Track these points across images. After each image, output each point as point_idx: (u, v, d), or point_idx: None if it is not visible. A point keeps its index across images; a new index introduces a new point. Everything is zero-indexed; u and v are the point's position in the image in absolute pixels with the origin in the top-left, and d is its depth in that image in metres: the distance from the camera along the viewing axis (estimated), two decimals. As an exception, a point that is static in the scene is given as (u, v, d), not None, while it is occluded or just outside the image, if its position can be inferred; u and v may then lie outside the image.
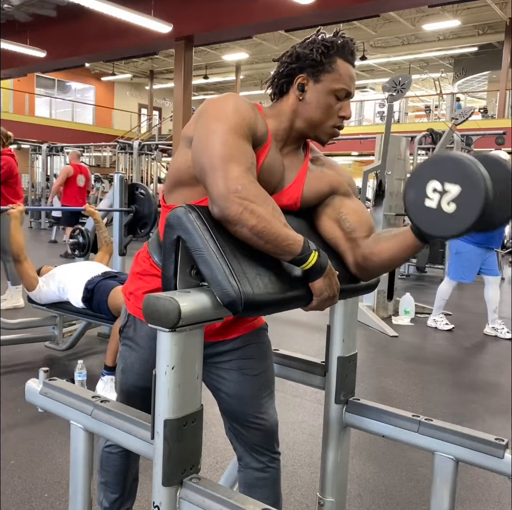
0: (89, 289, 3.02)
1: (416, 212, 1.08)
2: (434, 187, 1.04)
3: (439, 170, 1.05)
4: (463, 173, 1.02)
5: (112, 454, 1.52)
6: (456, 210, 1.02)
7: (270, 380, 1.43)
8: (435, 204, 1.04)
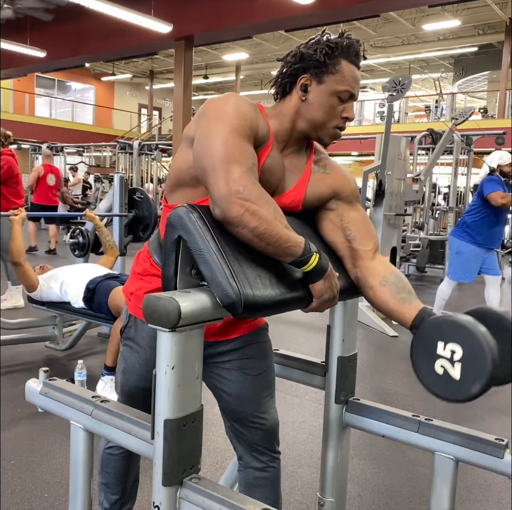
0: (90, 288, 3.02)
1: (427, 375, 1.11)
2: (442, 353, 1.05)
3: (443, 332, 1.05)
4: (470, 346, 1.01)
5: (113, 456, 1.52)
6: (462, 377, 1.03)
7: (270, 380, 1.43)
8: (442, 371, 1.06)
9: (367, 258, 1.27)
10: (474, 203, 4.70)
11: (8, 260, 4.74)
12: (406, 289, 1.23)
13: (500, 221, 4.65)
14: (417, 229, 8.76)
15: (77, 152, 16.51)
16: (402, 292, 1.23)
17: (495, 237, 4.65)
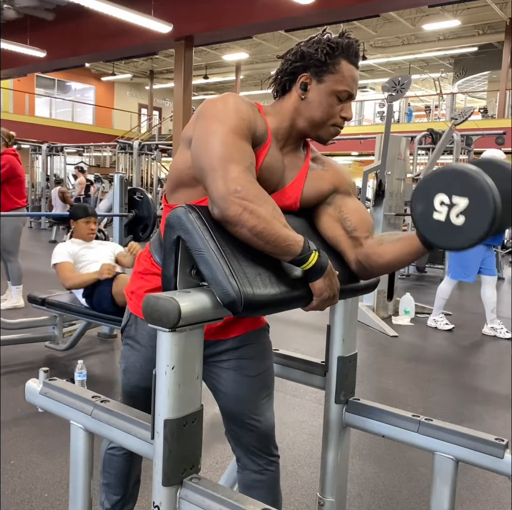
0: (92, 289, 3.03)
1: (425, 225, 1.08)
2: (441, 200, 1.05)
3: (446, 183, 1.05)
4: (471, 186, 1.02)
5: (114, 456, 1.52)
6: (465, 223, 1.02)
7: (269, 382, 1.42)
8: (444, 217, 1.05)
9: (366, 241, 1.27)
10: None
11: (9, 260, 4.75)
12: (401, 234, 1.25)
13: None
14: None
15: (77, 152, 16.52)
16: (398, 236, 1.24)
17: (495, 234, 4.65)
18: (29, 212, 5.09)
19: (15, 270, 4.81)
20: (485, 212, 1.00)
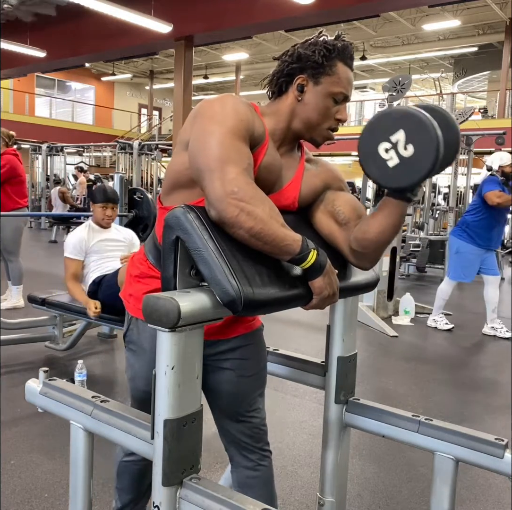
0: (96, 281, 3.04)
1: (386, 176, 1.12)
2: (385, 148, 1.10)
3: (378, 132, 1.11)
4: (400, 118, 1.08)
5: (128, 468, 1.54)
6: (415, 150, 1.07)
7: (262, 380, 1.44)
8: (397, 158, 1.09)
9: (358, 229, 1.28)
10: (474, 203, 4.71)
11: (10, 260, 4.76)
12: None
13: (500, 221, 4.65)
14: (417, 229, 8.76)
15: (77, 152, 16.52)
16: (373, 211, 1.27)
17: (494, 238, 4.65)
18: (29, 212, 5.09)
19: (16, 270, 4.81)
20: (425, 132, 1.06)
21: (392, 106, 5.00)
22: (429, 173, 1.08)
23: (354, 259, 1.28)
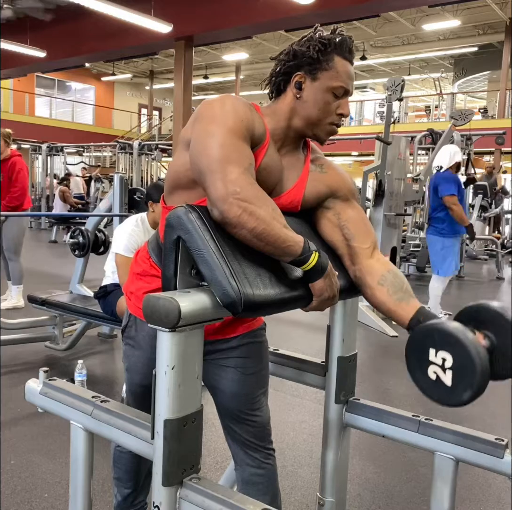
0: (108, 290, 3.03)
1: (421, 380, 1.09)
2: (434, 353, 1.06)
3: (434, 339, 1.06)
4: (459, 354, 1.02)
5: (123, 453, 1.56)
6: (450, 385, 1.03)
7: (265, 379, 1.44)
8: (435, 376, 1.06)
9: (365, 256, 1.27)
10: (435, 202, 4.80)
11: (10, 259, 4.77)
12: (404, 288, 1.24)
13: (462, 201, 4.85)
14: (417, 229, 8.76)
15: (77, 152, 16.52)
16: (400, 292, 1.23)
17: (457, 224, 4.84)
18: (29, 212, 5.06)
19: (16, 270, 4.82)
20: (470, 368, 1.00)
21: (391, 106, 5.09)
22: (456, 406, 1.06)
23: (352, 276, 1.30)
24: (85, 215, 8.34)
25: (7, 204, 4.67)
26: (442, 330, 1.05)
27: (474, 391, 1.01)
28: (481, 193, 9.55)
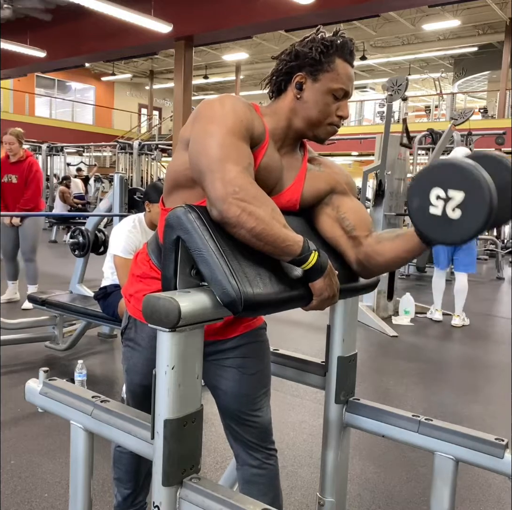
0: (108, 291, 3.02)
1: (422, 219, 1.08)
2: (437, 194, 1.05)
3: (442, 176, 1.05)
4: (467, 179, 1.02)
5: (123, 454, 1.56)
6: (461, 217, 1.02)
7: (266, 379, 1.43)
8: (440, 211, 1.04)
9: (367, 242, 1.27)
10: None
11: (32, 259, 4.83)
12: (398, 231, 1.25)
13: None
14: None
15: (77, 152, 16.52)
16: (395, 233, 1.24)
17: None
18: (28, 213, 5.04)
19: (34, 270, 4.91)
20: (481, 206, 1.00)
21: (391, 106, 5.07)
22: (461, 242, 1.07)
23: (357, 268, 1.28)
24: (85, 215, 8.33)
25: (22, 207, 4.72)
26: (454, 165, 1.04)
27: (482, 221, 1.00)
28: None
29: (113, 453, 1.60)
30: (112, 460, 1.60)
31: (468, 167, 1.02)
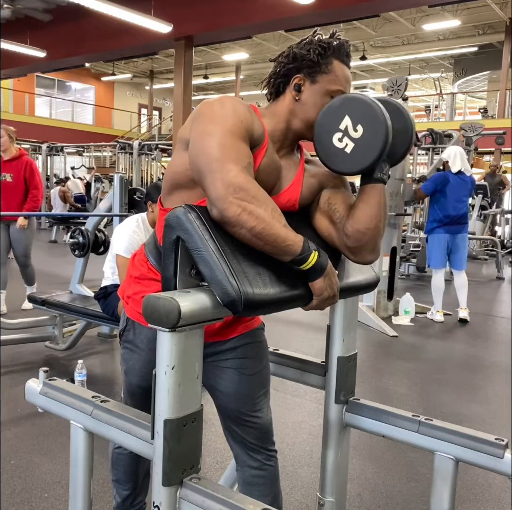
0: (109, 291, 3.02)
1: (345, 163, 1.20)
2: (337, 137, 1.19)
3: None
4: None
5: (121, 455, 1.56)
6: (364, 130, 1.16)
7: (265, 380, 1.43)
8: (345, 143, 1.18)
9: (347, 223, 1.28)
10: None
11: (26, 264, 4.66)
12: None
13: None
14: (417, 229, 8.75)
15: (77, 152, 16.52)
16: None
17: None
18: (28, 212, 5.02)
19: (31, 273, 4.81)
20: (369, 109, 1.15)
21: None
22: (384, 147, 1.15)
23: (353, 256, 1.27)
24: (85, 215, 8.33)
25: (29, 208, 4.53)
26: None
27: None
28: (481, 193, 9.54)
29: (111, 455, 1.59)
30: (110, 462, 1.60)
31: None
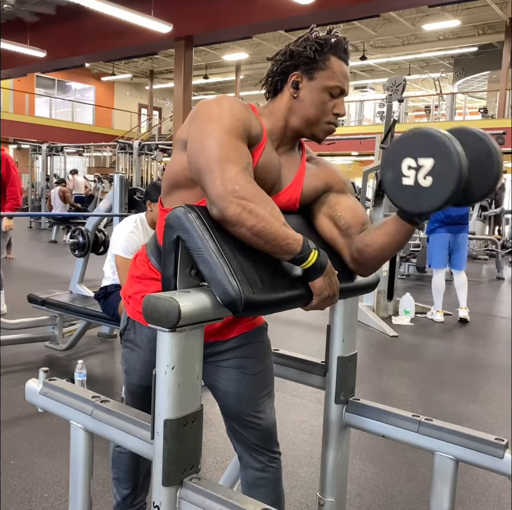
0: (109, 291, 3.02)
1: (396, 192, 1.09)
2: (408, 164, 1.06)
3: (411, 146, 1.06)
4: (434, 145, 1.03)
5: (122, 454, 1.56)
6: (433, 183, 1.03)
7: (268, 380, 1.42)
8: (413, 181, 1.05)
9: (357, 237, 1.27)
10: None
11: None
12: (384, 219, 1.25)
13: None
14: (417, 229, 8.74)
15: (77, 152, 16.52)
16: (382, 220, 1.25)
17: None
18: (29, 212, 5.06)
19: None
20: (450, 168, 1.01)
21: (391, 106, 5.07)
22: (434, 210, 1.06)
23: (353, 266, 1.28)
24: (85, 215, 8.33)
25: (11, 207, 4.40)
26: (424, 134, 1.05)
27: (453, 188, 1.01)
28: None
29: (112, 453, 1.60)
30: (111, 460, 1.60)
31: (435, 133, 1.03)
